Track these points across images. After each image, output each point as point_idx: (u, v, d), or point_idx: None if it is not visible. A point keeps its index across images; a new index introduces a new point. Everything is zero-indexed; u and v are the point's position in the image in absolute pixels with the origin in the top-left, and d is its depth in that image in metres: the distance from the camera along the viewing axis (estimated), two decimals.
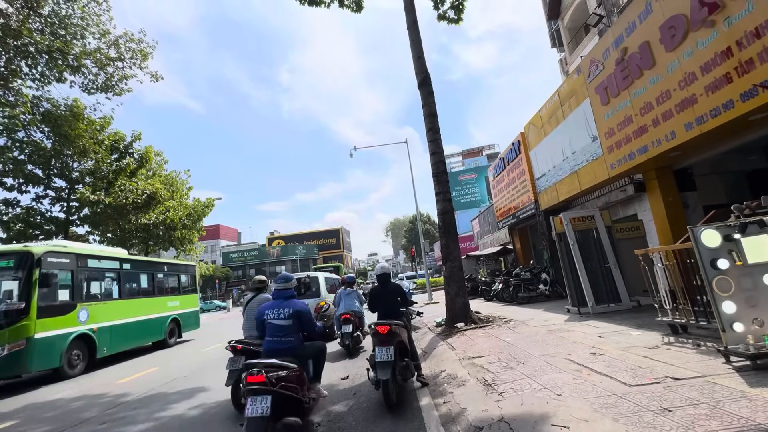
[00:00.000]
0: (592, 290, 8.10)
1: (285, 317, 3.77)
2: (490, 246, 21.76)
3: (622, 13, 7.97)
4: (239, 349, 4.58)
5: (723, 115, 5.71)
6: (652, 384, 3.43)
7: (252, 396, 3.10)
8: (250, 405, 3.06)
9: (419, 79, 9.38)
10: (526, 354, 5.19)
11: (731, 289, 3.83)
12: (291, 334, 3.78)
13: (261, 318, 3.88)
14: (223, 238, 72.47)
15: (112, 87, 12.76)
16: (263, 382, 3.09)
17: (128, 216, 17.14)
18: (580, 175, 10.09)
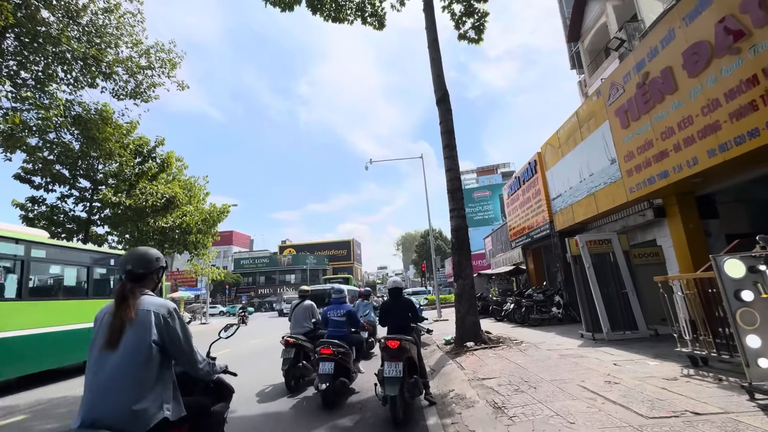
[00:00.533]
0: (608, 316, 7.89)
1: (340, 315, 5.66)
2: (502, 265, 21.46)
3: (644, 38, 7.97)
4: (291, 342, 5.82)
5: (748, 143, 5.60)
6: (670, 417, 3.30)
7: (323, 361, 4.91)
8: (321, 366, 4.89)
9: (438, 96, 9.49)
10: (538, 378, 5.06)
11: (756, 323, 3.70)
12: (344, 327, 5.63)
13: (326, 315, 5.72)
14: (235, 245, 73.34)
15: (141, 94, 13.30)
16: (330, 354, 4.94)
17: (147, 218, 17.55)
18: (597, 197, 9.96)
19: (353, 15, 10.97)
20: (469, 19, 10.47)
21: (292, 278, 64.04)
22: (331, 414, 4.61)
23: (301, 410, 4.83)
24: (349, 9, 10.84)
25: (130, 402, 1.71)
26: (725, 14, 5.78)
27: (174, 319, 1.95)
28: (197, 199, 20.97)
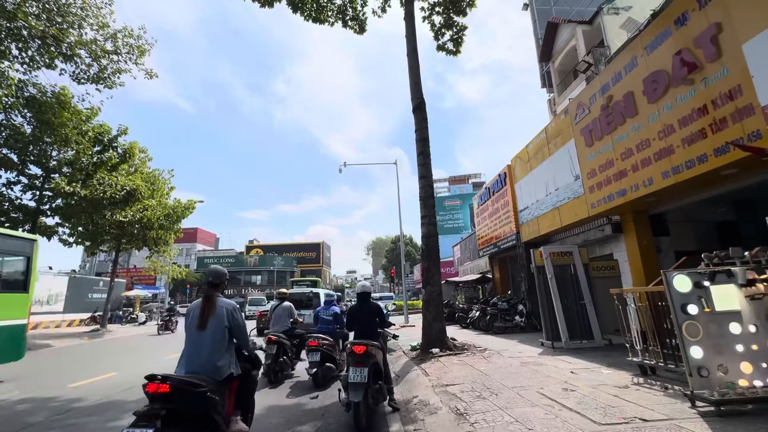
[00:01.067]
0: (567, 325, 8.22)
1: (329, 315, 6.98)
2: (469, 273, 21.91)
3: (610, 63, 8.47)
4: (273, 340, 6.52)
5: (697, 168, 6.05)
6: (620, 424, 3.46)
7: (311, 351, 6.16)
8: (310, 355, 6.17)
9: (414, 104, 9.61)
10: (500, 385, 5.17)
11: (699, 335, 3.96)
12: (331, 324, 6.89)
13: (317, 314, 7.08)
14: (200, 242, 70.54)
15: (104, 79, 12.58)
16: (317, 345, 6.13)
17: (103, 211, 16.56)
18: (561, 211, 10.40)
19: (334, 17, 10.95)
20: (448, 31, 10.71)
21: (258, 279, 62.31)
22: (290, 421, 4.49)
23: (259, 421, 4.67)
24: (330, 11, 10.81)
25: (214, 360, 2.84)
26: (681, 47, 6.24)
27: (237, 313, 3.08)
28: (160, 193, 20.04)
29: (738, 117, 5.40)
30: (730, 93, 5.51)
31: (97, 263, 51.97)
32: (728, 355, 3.88)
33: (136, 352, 11.80)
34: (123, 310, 29.99)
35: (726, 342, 3.93)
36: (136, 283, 44.04)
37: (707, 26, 5.80)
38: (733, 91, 5.45)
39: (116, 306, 29.44)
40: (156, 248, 20.66)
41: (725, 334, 3.95)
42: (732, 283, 4.09)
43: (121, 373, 7.90)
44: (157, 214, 19.18)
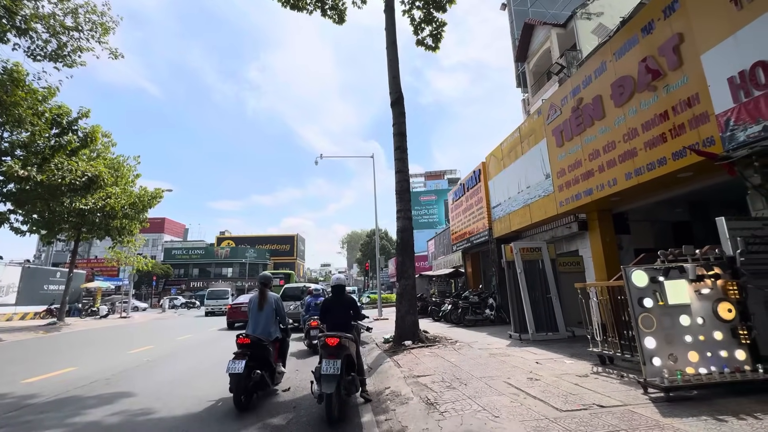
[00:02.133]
0: (534, 318, 8.55)
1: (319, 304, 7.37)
2: (443, 267, 22.29)
3: (581, 67, 8.77)
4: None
5: (657, 170, 6.40)
6: (580, 410, 3.66)
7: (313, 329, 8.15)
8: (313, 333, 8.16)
9: (393, 98, 9.61)
10: (469, 375, 5.33)
11: (653, 326, 4.24)
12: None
13: (308, 304, 8.88)
14: (167, 233, 67.89)
15: (63, 57, 11.80)
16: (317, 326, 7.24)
17: (61, 198, 15.61)
18: (532, 208, 10.75)
19: (313, 5, 10.73)
20: (428, 26, 10.74)
21: (229, 272, 60.83)
22: (261, 414, 4.46)
23: (229, 416, 4.60)
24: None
25: (268, 329, 5.05)
26: (647, 54, 6.55)
27: (279, 301, 5.32)
28: (125, 181, 19.13)
29: (695, 123, 5.75)
30: (688, 100, 5.85)
31: (54, 253, 49.05)
32: (678, 345, 4.18)
33: (96, 346, 11.29)
34: (83, 302, 28.53)
35: (676, 333, 4.22)
36: (98, 275, 41.92)
37: (670, 36, 6.12)
38: (692, 98, 5.80)
39: (75, 298, 27.97)
40: (119, 238, 19.74)
41: (676, 325, 4.24)
42: (684, 278, 4.39)
43: (80, 368, 7.55)
44: (121, 203, 18.30)
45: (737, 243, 4.60)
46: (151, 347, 10.45)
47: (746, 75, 4.98)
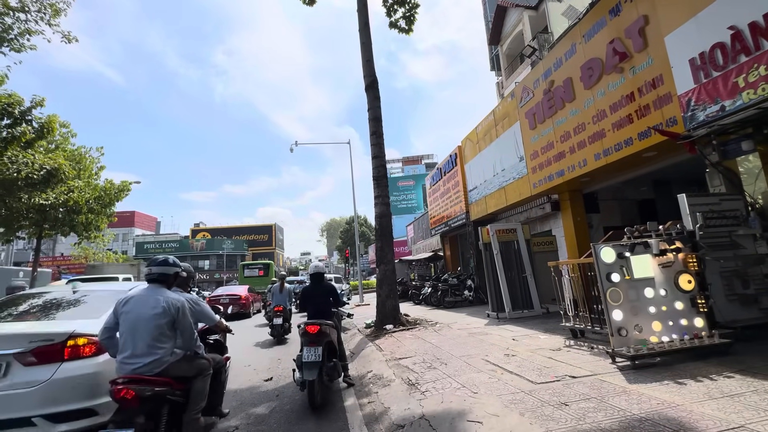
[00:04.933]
0: (510, 297, 8.82)
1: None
2: (422, 251, 22.57)
3: (552, 49, 8.88)
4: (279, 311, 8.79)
5: (624, 150, 6.63)
6: (553, 382, 3.84)
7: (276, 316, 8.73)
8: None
9: (367, 82, 9.46)
10: (449, 355, 5.48)
11: (620, 300, 4.45)
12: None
13: None
14: (138, 227, 65.38)
15: (10, 41, 10.91)
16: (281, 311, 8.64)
17: (18, 193, 14.68)
18: (507, 190, 10.97)
19: None
20: (401, 8, 10.54)
21: (206, 264, 59.44)
22: (244, 404, 4.45)
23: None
24: None
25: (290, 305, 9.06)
26: (614, 36, 6.69)
27: (292, 292, 9.71)
28: (88, 174, 18.16)
29: (659, 104, 5.96)
30: (653, 82, 6.04)
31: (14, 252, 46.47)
32: (643, 316, 4.42)
33: None
34: None
35: (641, 305, 4.46)
36: (65, 273, 40.07)
37: (636, 18, 6.26)
38: (656, 80, 5.99)
39: None
40: (86, 234, 18.83)
41: (641, 298, 4.48)
42: (648, 253, 4.61)
43: None
44: (86, 197, 17.38)
45: (697, 218, 4.87)
46: None
47: (706, 56, 5.18)
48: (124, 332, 2.62)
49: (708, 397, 3.09)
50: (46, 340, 3.05)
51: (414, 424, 3.31)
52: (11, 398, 2.85)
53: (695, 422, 2.67)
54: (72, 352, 3.10)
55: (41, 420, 2.85)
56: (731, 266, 4.81)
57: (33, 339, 3.05)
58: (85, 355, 3.15)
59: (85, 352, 3.15)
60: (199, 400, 2.83)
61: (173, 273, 2.92)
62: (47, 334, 3.11)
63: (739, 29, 4.78)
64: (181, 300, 2.78)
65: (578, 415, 2.96)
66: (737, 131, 5.15)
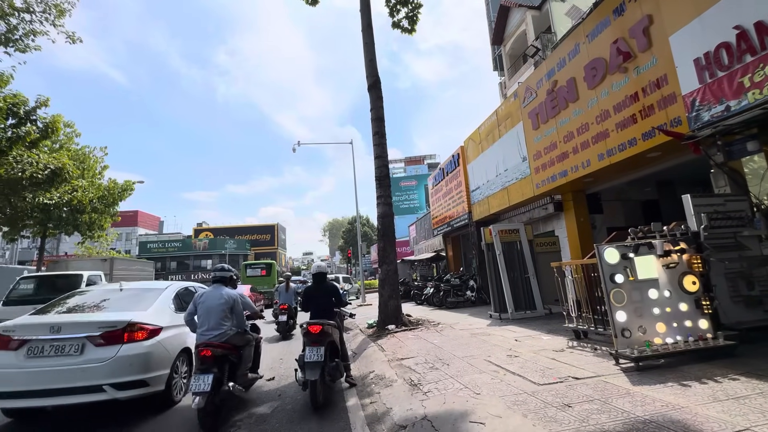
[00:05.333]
0: (513, 298, 8.80)
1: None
2: (424, 252, 22.55)
3: (555, 49, 8.85)
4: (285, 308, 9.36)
5: (627, 150, 6.60)
6: (556, 383, 3.82)
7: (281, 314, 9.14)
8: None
9: (369, 82, 9.46)
10: (451, 355, 5.47)
11: (624, 301, 4.43)
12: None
13: None
14: (141, 226, 65.67)
15: (15, 42, 10.99)
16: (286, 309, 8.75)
17: (23, 192, 14.77)
18: (510, 191, 10.94)
19: None
20: (404, 8, 10.53)
21: (208, 263, 59.49)
22: (247, 404, 4.45)
23: None
24: None
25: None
26: (618, 36, 6.66)
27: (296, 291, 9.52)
28: (92, 173, 18.25)
29: (663, 104, 5.93)
30: (657, 82, 6.01)
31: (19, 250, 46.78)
32: (647, 318, 4.39)
33: None
34: None
35: (645, 306, 4.43)
36: None
37: (641, 17, 6.23)
38: (660, 80, 5.95)
39: None
40: (89, 233, 18.93)
41: (645, 299, 4.45)
42: (652, 254, 4.58)
43: None
44: (89, 196, 17.47)
45: (701, 219, 4.83)
46: None
47: (711, 56, 5.14)
48: (201, 315, 3.95)
49: (713, 400, 3.06)
50: (111, 327, 3.95)
51: (416, 424, 3.30)
52: (88, 370, 3.74)
53: (700, 425, 2.65)
54: (129, 336, 4.01)
55: (109, 387, 3.72)
56: (736, 267, 4.78)
57: (101, 326, 3.94)
58: (138, 339, 4.06)
59: (139, 336, 4.07)
60: (247, 361, 4.23)
61: (229, 276, 4.30)
62: (111, 321, 4.01)
63: (745, 29, 4.74)
64: (235, 294, 4.17)
65: (581, 417, 2.94)
66: (742, 131, 5.11)
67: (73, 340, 3.84)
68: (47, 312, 4.38)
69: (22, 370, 3.71)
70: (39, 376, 3.69)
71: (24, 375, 3.71)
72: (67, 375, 3.70)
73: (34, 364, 3.76)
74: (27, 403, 3.71)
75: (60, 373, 3.70)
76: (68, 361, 3.77)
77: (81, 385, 3.68)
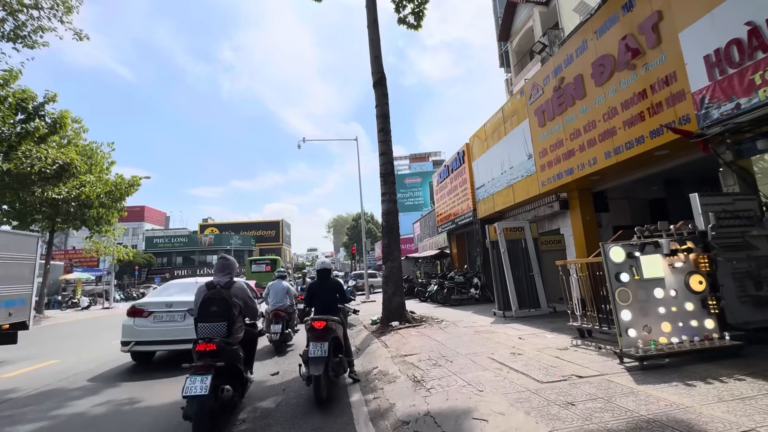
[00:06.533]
0: (517, 296, 8.78)
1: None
2: (428, 249, 22.54)
3: (563, 46, 8.76)
4: (280, 315, 7.36)
5: (635, 148, 6.53)
6: (560, 381, 3.82)
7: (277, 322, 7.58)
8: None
9: (375, 78, 9.43)
10: (455, 353, 5.47)
11: (629, 300, 4.40)
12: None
13: None
14: (148, 221, 66.22)
15: (23, 38, 11.07)
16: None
17: (32, 187, 14.98)
18: (515, 188, 10.88)
19: None
20: (410, 3, 10.47)
21: (213, 259, 59.96)
22: (250, 398, 4.50)
23: None
24: None
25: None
26: (627, 32, 6.58)
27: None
28: (99, 169, 18.46)
29: (672, 102, 5.85)
30: (666, 79, 5.93)
31: None
32: (652, 317, 4.36)
33: (79, 338, 11.08)
34: (62, 294, 27.83)
35: (650, 305, 4.40)
36: (77, 266, 40.80)
37: (650, 13, 6.14)
38: (669, 77, 5.88)
39: (54, 291, 27.24)
40: (97, 228, 19.16)
41: (650, 298, 4.42)
42: (658, 253, 4.54)
43: (63, 361, 7.42)
44: (97, 191, 17.68)
45: (709, 218, 4.78)
46: None
47: (721, 53, 5.06)
48: (273, 295, 7.59)
49: (718, 400, 3.04)
50: None
51: (419, 420, 3.32)
52: (186, 330, 5.86)
53: (704, 425, 2.63)
54: None
55: None
56: (744, 267, 4.72)
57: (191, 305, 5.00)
58: None
59: None
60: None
61: (284, 272, 7.80)
62: None
63: (757, 25, 4.66)
64: (288, 285, 7.15)
65: (585, 415, 2.94)
66: (752, 130, 5.04)
67: (179, 312, 6.19)
68: (161, 295, 6.81)
69: (151, 329, 6.15)
70: (160, 333, 6.15)
71: (152, 332, 6.15)
72: (175, 332, 6.06)
73: (157, 326, 6.19)
74: (152, 348, 6.34)
75: (171, 332, 6.11)
76: (175, 324, 6.18)
77: (182, 338, 5.84)
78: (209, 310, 3.55)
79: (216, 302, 3.56)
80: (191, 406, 3.10)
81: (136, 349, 6.17)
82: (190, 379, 3.17)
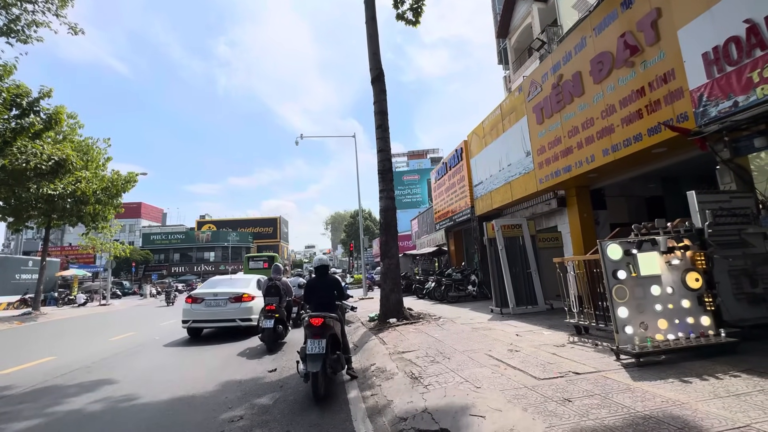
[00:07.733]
0: (514, 293, 8.80)
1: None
2: (426, 246, 22.56)
3: (561, 43, 8.74)
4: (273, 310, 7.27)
5: (633, 146, 6.54)
6: (557, 378, 3.83)
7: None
8: None
9: (373, 75, 9.38)
10: (452, 349, 5.49)
11: (626, 297, 4.42)
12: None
13: None
14: (145, 218, 65.91)
15: (17, 32, 10.97)
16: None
17: (27, 183, 14.85)
18: (513, 186, 10.89)
19: None
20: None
21: (211, 256, 59.92)
22: (248, 394, 4.50)
23: (214, 396, 4.62)
24: None
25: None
26: (626, 30, 6.57)
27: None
28: (96, 165, 18.34)
29: (670, 99, 5.86)
30: (664, 76, 5.93)
31: (24, 241, 47.15)
32: (648, 314, 4.38)
33: (75, 335, 11.04)
34: (59, 291, 27.71)
35: (647, 302, 4.42)
36: (73, 263, 40.63)
37: (649, 10, 6.13)
38: (668, 74, 5.88)
39: (50, 287, 27.12)
40: (93, 224, 19.06)
41: (647, 295, 4.44)
42: (655, 250, 4.56)
43: (59, 358, 7.38)
44: (93, 187, 17.56)
45: (706, 215, 4.80)
46: (134, 334, 10.30)
47: (720, 50, 5.07)
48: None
49: (713, 396, 3.06)
50: (237, 294, 8.63)
51: (417, 417, 3.32)
52: (228, 312, 8.48)
53: (700, 421, 2.65)
54: (243, 299, 8.62)
55: (237, 320, 8.46)
56: (740, 265, 4.75)
57: (232, 295, 8.62)
58: (246, 301, 8.65)
59: (247, 299, 8.67)
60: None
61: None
62: (236, 292, 8.69)
63: (755, 23, 4.66)
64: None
65: (581, 412, 2.95)
66: (750, 128, 5.05)
67: (222, 300, 8.50)
68: (209, 287, 9.17)
69: (204, 311, 8.50)
70: (210, 314, 8.50)
71: (204, 313, 8.51)
72: (220, 314, 8.44)
73: (207, 310, 8.50)
74: (203, 325, 8.81)
75: (217, 313, 8.46)
76: (220, 308, 8.48)
77: (226, 318, 8.42)
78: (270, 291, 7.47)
79: (273, 288, 7.41)
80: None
81: (193, 326, 8.57)
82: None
